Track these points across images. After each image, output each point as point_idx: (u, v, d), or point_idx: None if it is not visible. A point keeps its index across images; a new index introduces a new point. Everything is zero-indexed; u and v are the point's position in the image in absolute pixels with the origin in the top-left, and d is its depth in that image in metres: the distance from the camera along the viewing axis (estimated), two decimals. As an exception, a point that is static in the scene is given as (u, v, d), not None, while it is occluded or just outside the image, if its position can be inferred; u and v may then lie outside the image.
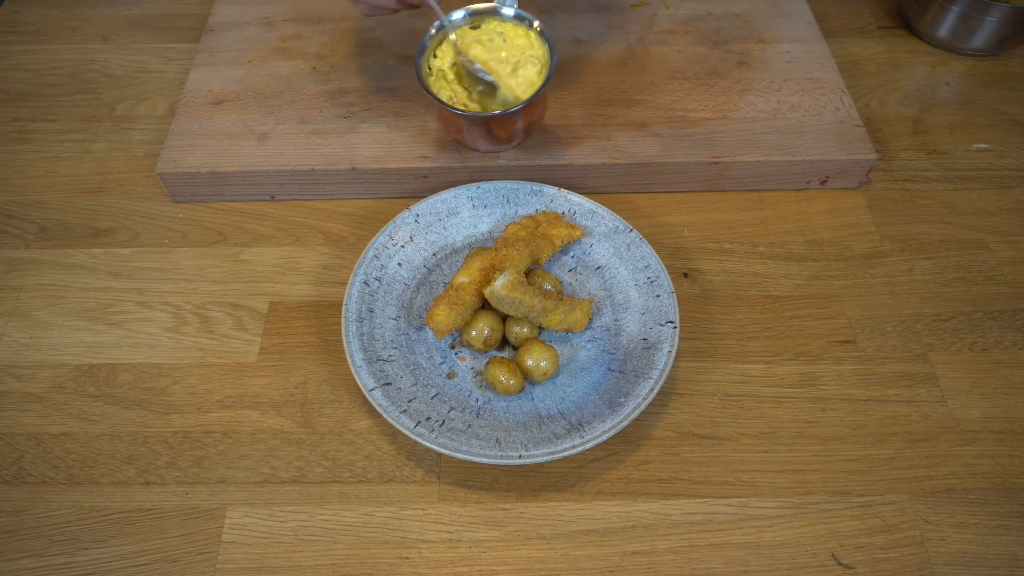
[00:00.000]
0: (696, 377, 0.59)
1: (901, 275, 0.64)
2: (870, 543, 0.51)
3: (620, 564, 0.51)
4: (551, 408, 0.55)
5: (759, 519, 0.52)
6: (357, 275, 0.60)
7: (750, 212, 0.69)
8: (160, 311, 0.63)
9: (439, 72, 0.62)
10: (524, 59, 0.60)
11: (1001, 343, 0.60)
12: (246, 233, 0.68)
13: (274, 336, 0.61)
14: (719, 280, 0.64)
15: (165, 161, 0.67)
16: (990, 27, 0.76)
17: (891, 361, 0.59)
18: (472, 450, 0.51)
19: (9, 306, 0.63)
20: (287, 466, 0.55)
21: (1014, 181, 0.71)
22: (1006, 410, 0.57)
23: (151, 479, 0.54)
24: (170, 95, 0.78)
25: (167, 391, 0.58)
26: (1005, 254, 0.66)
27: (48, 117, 0.77)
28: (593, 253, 0.63)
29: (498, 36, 0.61)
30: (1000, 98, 0.77)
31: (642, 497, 0.53)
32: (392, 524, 0.52)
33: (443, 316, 0.55)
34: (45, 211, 0.69)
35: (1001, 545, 0.51)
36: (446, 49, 0.62)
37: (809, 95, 0.72)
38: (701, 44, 0.77)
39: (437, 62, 0.62)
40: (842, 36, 0.83)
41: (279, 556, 0.51)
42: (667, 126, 0.70)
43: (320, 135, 0.69)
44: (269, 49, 0.77)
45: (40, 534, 0.52)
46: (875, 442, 0.55)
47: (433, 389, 0.56)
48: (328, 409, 0.57)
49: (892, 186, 0.70)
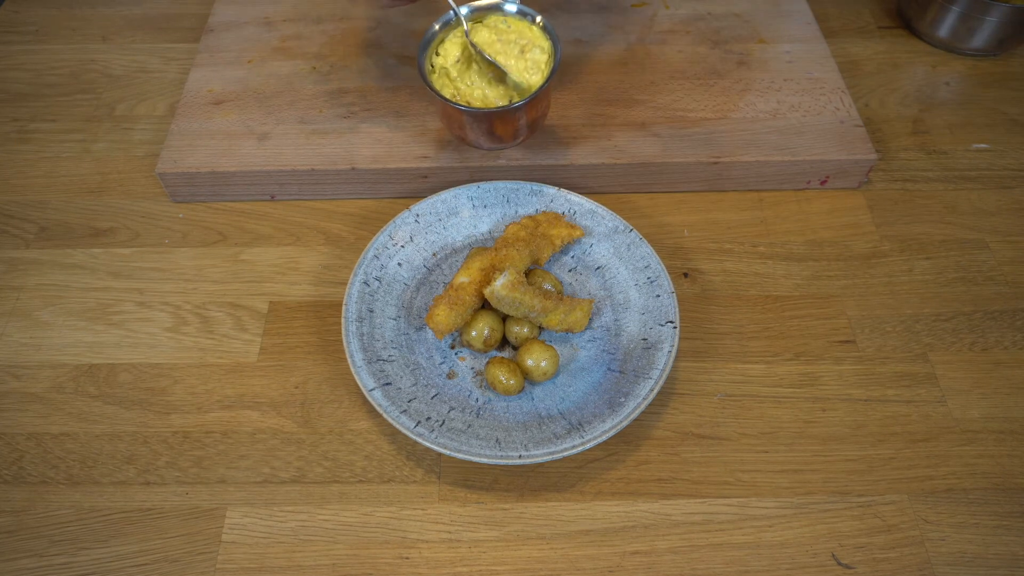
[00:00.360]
0: (696, 377, 0.59)
1: (901, 275, 0.64)
2: (870, 543, 0.51)
3: (620, 564, 0.51)
4: (551, 408, 0.55)
5: (759, 519, 0.52)
6: (357, 275, 0.60)
7: (750, 212, 0.69)
8: (160, 311, 0.63)
9: (442, 70, 0.62)
10: (531, 45, 0.60)
11: (1001, 343, 0.60)
12: (246, 233, 0.68)
13: (274, 336, 0.61)
14: (719, 280, 0.64)
15: (165, 161, 0.67)
16: (990, 27, 0.76)
17: (891, 361, 0.59)
18: (472, 450, 0.51)
19: (9, 306, 0.63)
20: (287, 466, 0.55)
21: (1014, 181, 0.71)
22: (1006, 410, 0.57)
23: (151, 479, 0.54)
24: (170, 95, 0.78)
25: (167, 391, 0.58)
26: (1005, 254, 0.66)
27: (48, 117, 0.77)
28: (593, 253, 0.63)
29: (503, 24, 0.62)
30: (1000, 98, 0.77)
31: (642, 497, 0.53)
32: (392, 524, 0.52)
33: (443, 316, 0.55)
34: (45, 211, 0.69)
35: (1001, 545, 0.51)
36: (448, 47, 0.62)
37: (809, 95, 0.72)
38: (701, 44, 0.77)
39: (440, 60, 0.62)
40: (842, 36, 0.83)
41: (279, 556, 0.51)
42: (667, 126, 0.70)
43: (320, 135, 0.69)
44: (269, 49, 0.77)
45: (40, 534, 0.52)
46: (875, 442, 0.55)
47: (433, 389, 0.56)
48: (328, 409, 0.57)
49: (892, 186, 0.70)
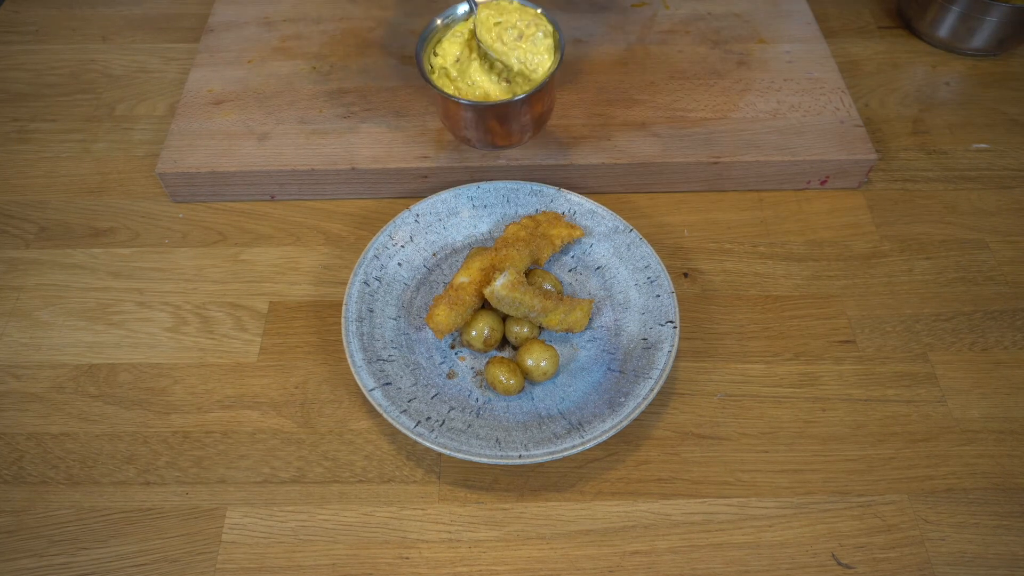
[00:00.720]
0: (696, 377, 0.59)
1: (901, 275, 0.64)
2: (870, 543, 0.51)
3: (620, 564, 0.51)
4: (551, 408, 0.55)
5: (759, 519, 0.52)
6: (357, 275, 0.60)
7: (750, 212, 0.69)
8: (160, 311, 0.63)
9: (441, 70, 0.61)
10: (533, 28, 0.58)
11: (1001, 343, 0.60)
12: (246, 233, 0.68)
13: (274, 336, 0.61)
14: (719, 280, 0.64)
15: (165, 161, 0.67)
16: (990, 27, 0.76)
17: (891, 361, 0.59)
18: (472, 450, 0.51)
19: (9, 306, 0.63)
20: (287, 466, 0.55)
21: (1014, 181, 0.71)
22: (1006, 410, 0.57)
23: (151, 479, 0.54)
24: (170, 95, 0.78)
25: (167, 391, 0.58)
26: (1005, 254, 0.66)
27: (48, 117, 0.77)
28: (593, 253, 0.63)
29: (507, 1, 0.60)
30: (1000, 98, 0.77)
31: (642, 497, 0.53)
32: (392, 524, 0.52)
33: (443, 316, 0.55)
34: (45, 211, 0.69)
35: (1001, 545, 0.51)
36: (447, 46, 0.61)
37: (809, 95, 0.72)
38: (701, 44, 0.77)
39: (439, 60, 0.61)
40: (842, 36, 0.83)
41: (279, 556, 0.51)
42: (667, 126, 0.70)
43: (320, 135, 0.69)
44: (269, 49, 0.77)
45: (40, 534, 0.52)
46: (875, 442, 0.55)
47: (433, 389, 0.56)
48: (328, 409, 0.57)
49: (892, 186, 0.70)
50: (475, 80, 0.60)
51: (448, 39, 0.62)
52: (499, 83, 0.60)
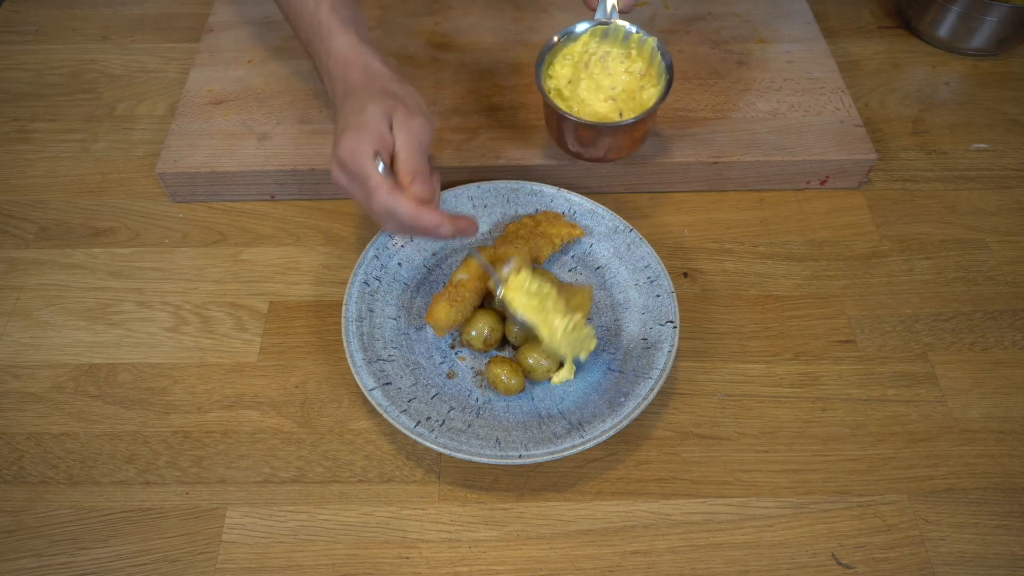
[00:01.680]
0: (696, 377, 0.59)
1: (901, 275, 0.64)
2: (870, 543, 0.51)
3: (620, 564, 0.51)
4: (551, 408, 0.55)
5: (759, 519, 0.52)
6: (357, 275, 0.60)
7: (750, 212, 0.69)
8: (160, 311, 0.63)
9: (555, 91, 0.63)
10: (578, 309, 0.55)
11: (1001, 343, 0.60)
12: (246, 233, 0.68)
13: (274, 336, 0.61)
14: (719, 280, 0.64)
15: (165, 161, 0.67)
16: (990, 27, 0.76)
17: (891, 361, 0.59)
18: (472, 450, 0.51)
19: (9, 306, 0.63)
20: (287, 466, 0.55)
21: (1014, 181, 0.71)
22: (1006, 410, 0.57)
23: (151, 479, 0.54)
24: (170, 95, 0.78)
25: (167, 391, 0.58)
26: (1005, 254, 0.66)
27: (48, 117, 0.77)
28: (593, 253, 0.63)
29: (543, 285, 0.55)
30: (1000, 98, 0.77)
31: (642, 497, 0.53)
32: (392, 524, 0.52)
33: (443, 313, 0.55)
34: (45, 211, 0.69)
35: (1001, 545, 0.51)
36: (558, 68, 0.63)
37: (809, 95, 0.72)
38: (701, 44, 0.77)
39: (553, 82, 0.63)
40: (842, 36, 0.83)
41: (279, 556, 0.51)
42: (667, 126, 0.70)
43: (320, 135, 0.69)
44: (269, 49, 0.77)
45: (40, 534, 0.52)
46: (875, 442, 0.55)
47: (433, 389, 0.56)
48: (328, 409, 0.57)
49: (892, 186, 0.70)
50: (584, 98, 0.62)
51: (559, 61, 0.63)
52: (605, 101, 0.62)
